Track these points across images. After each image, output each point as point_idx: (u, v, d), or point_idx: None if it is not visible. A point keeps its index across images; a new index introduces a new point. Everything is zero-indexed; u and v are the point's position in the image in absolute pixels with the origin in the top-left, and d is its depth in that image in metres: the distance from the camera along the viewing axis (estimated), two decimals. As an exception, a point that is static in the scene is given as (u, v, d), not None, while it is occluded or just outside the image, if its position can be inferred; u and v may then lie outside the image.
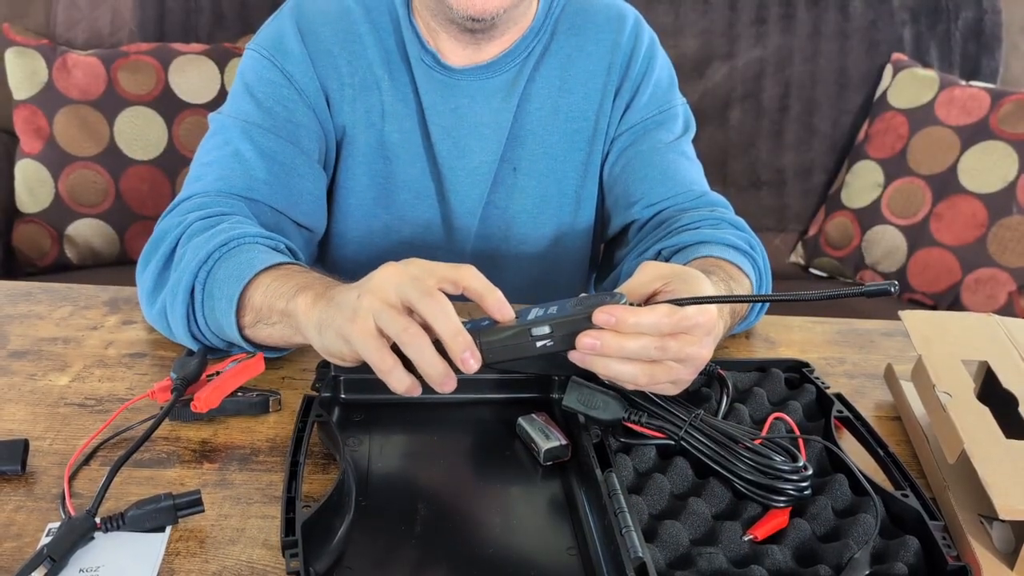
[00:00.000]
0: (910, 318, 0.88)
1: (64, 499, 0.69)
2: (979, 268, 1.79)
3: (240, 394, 0.81)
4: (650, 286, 0.72)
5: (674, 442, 0.73)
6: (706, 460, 0.71)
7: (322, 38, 1.02)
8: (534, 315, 0.68)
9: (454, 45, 1.02)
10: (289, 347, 0.87)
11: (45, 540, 0.65)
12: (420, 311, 0.65)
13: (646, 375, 0.69)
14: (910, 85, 1.91)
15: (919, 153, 1.87)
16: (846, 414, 0.80)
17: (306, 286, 0.76)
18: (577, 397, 0.74)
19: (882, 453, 0.75)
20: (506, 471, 0.76)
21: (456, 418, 0.82)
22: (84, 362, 0.88)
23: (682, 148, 1.09)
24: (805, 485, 0.68)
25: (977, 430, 0.71)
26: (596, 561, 0.65)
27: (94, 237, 1.82)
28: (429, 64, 1.03)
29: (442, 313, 0.65)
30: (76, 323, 0.95)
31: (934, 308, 1.82)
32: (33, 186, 1.78)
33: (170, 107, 1.81)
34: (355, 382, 0.81)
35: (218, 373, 0.80)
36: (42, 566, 0.61)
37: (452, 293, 0.67)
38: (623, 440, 0.74)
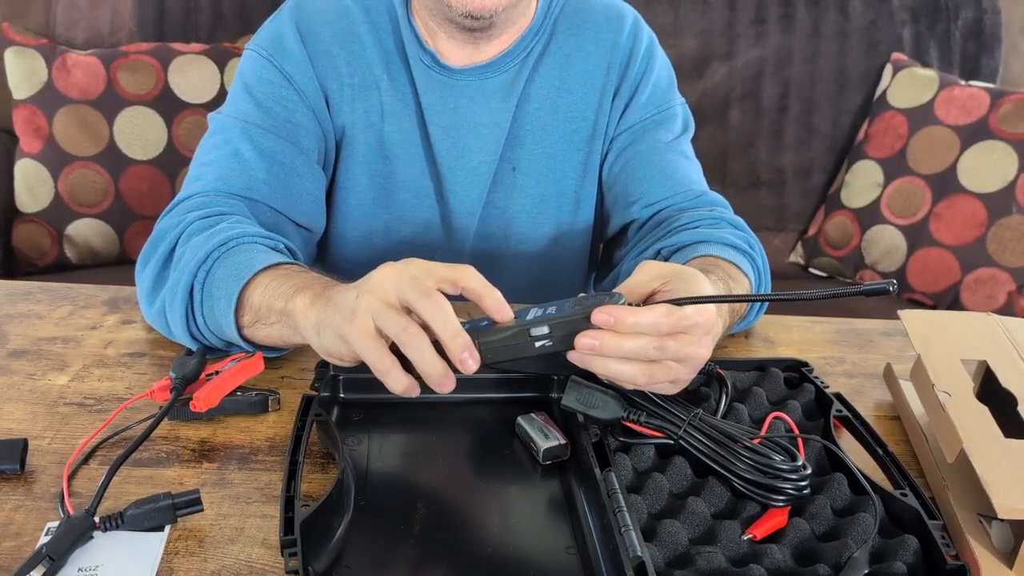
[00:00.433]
0: (909, 318, 0.88)
1: (63, 498, 0.69)
2: (979, 268, 1.78)
3: (239, 393, 0.81)
4: (649, 285, 0.72)
5: (673, 441, 0.73)
6: (705, 459, 0.71)
7: (321, 38, 1.02)
8: (533, 315, 0.68)
9: (453, 45, 1.03)
10: (288, 347, 0.87)
11: (44, 539, 0.65)
12: (419, 311, 0.65)
13: (645, 375, 0.69)
14: (910, 85, 1.91)
15: (919, 153, 1.87)
16: (845, 413, 0.80)
17: (304, 286, 0.76)
18: (576, 396, 0.74)
19: (881, 452, 0.75)
20: (505, 470, 0.76)
21: (455, 417, 0.82)
22: (83, 361, 0.88)
23: (681, 148, 1.09)
24: (804, 484, 0.68)
25: (976, 429, 0.71)
26: (595, 560, 0.65)
27: (94, 237, 1.82)
28: (428, 64, 1.03)
29: (441, 313, 0.65)
30: (75, 323, 0.95)
31: (934, 308, 1.82)
32: (33, 186, 1.78)
33: (170, 107, 1.81)
34: (354, 381, 0.81)
35: (217, 372, 0.80)
36: (41, 565, 0.61)
37: (451, 293, 0.67)
38: (622, 439, 0.74)
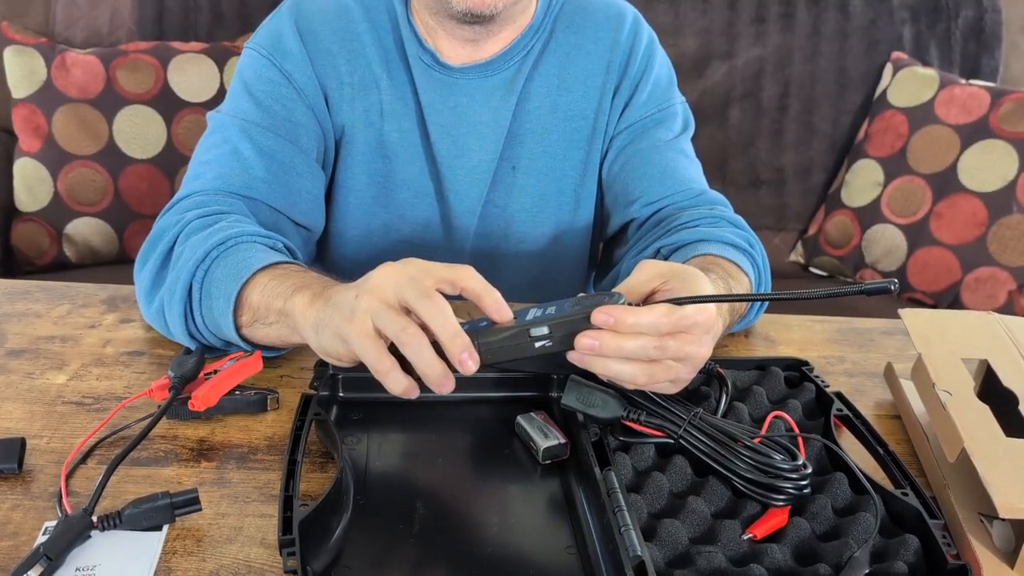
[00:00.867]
0: (910, 317, 0.88)
1: (61, 497, 0.68)
2: (979, 267, 1.78)
3: (238, 392, 0.81)
4: (649, 285, 0.71)
5: (673, 440, 0.73)
6: (705, 459, 0.71)
7: (321, 37, 1.02)
8: (532, 316, 0.68)
9: (453, 43, 1.02)
10: (287, 347, 0.87)
11: (41, 539, 0.65)
12: (418, 312, 0.65)
13: (645, 374, 0.69)
14: (910, 84, 1.91)
15: (919, 152, 1.87)
16: (846, 413, 0.80)
17: (303, 286, 0.76)
18: (576, 396, 0.74)
19: (882, 452, 0.75)
20: (505, 470, 0.76)
21: (455, 417, 0.82)
22: (82, 360, 0.88)
23: (681, 146, 1.09)
24: (804, 484, 0.68)
25: (977, 429, 0.71)
26: (595, 560, 0.64)
27: (93, 236, 1.81)
28: (428, 63, 1.02)
29: (440, 314, 0.65)
30: (74, 321, 0.95)
31: (934, 307, 1.82)
32: (32, 185, 1.78)
33: (169, 106, 1.81)
34: (353, 380, 0.81)
35: (216, 371, 0.80)
36: (38, 565, 0.61)
37: (450, 293, 0.67)
38: (622, 439, 0.74)
